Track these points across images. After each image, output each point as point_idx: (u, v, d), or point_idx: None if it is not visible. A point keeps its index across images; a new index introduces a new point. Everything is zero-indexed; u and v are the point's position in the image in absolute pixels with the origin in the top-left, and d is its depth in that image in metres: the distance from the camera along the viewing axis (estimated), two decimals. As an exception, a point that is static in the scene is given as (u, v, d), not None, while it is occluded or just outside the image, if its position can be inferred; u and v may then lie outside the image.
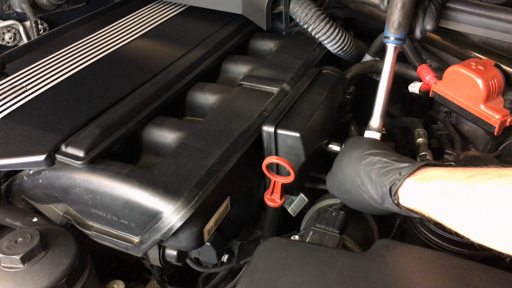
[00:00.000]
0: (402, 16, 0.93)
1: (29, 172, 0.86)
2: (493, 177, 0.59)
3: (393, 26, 0.95)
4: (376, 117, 0.97)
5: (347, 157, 0.83)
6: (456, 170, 0.66)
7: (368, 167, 0.77)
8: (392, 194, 0.71)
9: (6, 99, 0.94)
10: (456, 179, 0.64)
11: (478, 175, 0.61)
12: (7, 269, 0.72)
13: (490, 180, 0.59)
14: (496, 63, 0.97)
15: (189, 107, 1.05)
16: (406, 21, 0.94)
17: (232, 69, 1.17)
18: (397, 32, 0.95)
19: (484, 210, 0.58)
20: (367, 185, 0.76)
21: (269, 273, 0.68)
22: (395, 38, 0.96)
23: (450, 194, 0.63)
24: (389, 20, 0.96)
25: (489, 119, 0.95)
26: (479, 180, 0.60)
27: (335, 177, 0.86)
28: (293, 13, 1.16)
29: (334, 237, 0.82)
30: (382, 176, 0.73)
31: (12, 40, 1.58)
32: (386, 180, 0.72)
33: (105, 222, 0.82)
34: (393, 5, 0.93)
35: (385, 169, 0.74)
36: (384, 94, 0.97)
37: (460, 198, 0.62)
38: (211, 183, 0.78)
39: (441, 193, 0.65)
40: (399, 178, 0.70)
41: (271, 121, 0.90)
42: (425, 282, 0.64)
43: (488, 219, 0.58)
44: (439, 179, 0.66)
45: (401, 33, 0.95)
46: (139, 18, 1.29)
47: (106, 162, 0.81)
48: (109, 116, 0.88)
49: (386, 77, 0.97)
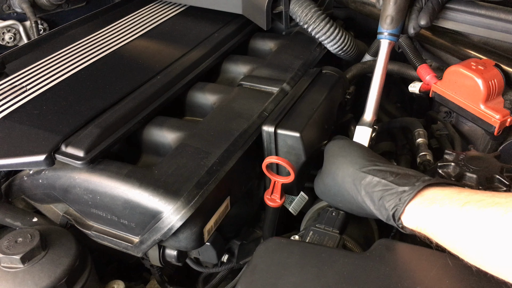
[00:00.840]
0: (396, 11, 0.94)
1: (29, 172, 0.86)
2: (487, 205, 0.60)
3: (386, 21, 0.95)
4: (368, 112, 0.98)
5: (342, 173, 0.82)
6: (452, 195, 0.66)
7: (369, 188, 0.76)
8: (395, 220, 0.71)
9: (6, 99, 0.94)
10: (451, 204, 0.64)
11: (473, 202, 0.62)
12: (7, 269, 0.72)
13: (484, 209, 0.60)
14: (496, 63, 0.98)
15: (189, 107, 1.05)
16: (399, 16, 0.95)
17: (232, 69, 1.17)
18: (390, 27, 0.95)
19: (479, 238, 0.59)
20: (369, 206, 0.76)
21: (269, 273, 0.68)
22: (389, 33, 0.96)
23: (446, 221, 0.64)
24: (383, 15, 0.96)
25: (489, 119, 0.95)
26: (474, 207, 0.61)
27: (330, 189, 0.85)
28: (293, 13, 1.16)
29: (334, 237, 0.82)
30: (384, 200, 0.73)
31: (12, 40, 1.58)
32: (389, 206, 0.72)
33: (105, 222, 0.82)
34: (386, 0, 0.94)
35: (386, 193, 0.73)
36: (377, 89, 0.98)
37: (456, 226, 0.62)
38: (211, 183, 0.78)
39: (438, 219, 0.65)
40: (400, 204, 0.70)
41: (271, 121, 0.90)
42: (425, 282, 0.64)
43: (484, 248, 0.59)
44: (436, 204, 0.66)
45: (394, 28, 0.95)
46: (139, 18, 1.29)
47: (106, 162, 0.81)
48: (109, 116, 0.88)
49: (380, 73, 0.98)
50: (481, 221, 0.59)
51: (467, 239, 0.61)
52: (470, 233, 0.60)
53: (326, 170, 0.87)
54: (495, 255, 0.58)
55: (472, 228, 0.60)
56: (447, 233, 0.64)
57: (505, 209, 0.57)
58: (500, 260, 0.57)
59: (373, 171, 0.78)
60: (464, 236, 0.61)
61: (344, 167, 0.82)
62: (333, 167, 0.84)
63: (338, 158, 0.84)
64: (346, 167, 0.81)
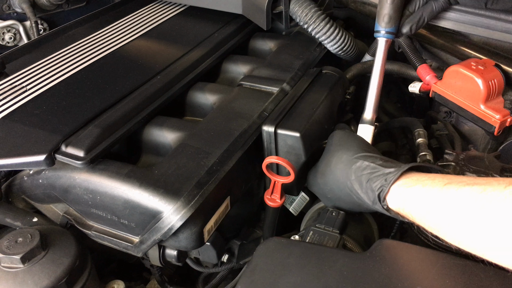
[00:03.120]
0: (393, 9, 0.94)
1: (29, 172, 0.86)
2: (466, 185, 0.62)
3: (384, 19, 0.96)
4: (368, 110, 0.99)
5: (336, 159, 0.85)
6: (435, 177, 0.68)
7: (358, 172, 0.79)
8: (381, 200, 0.74)
9: (6, 99, 0.94)
10: (434, 185, 0.66)
11: (454, 183, 0.64)
12: (7, 269, 0.72)
13: (463, 187, 0.62)
14: (496, 63, 0.98)
15: (189, 107, 1.05)
16: (396, 15, 0.96)
17: (232, 69, 1.17)
18: (388, 25, 0.96)
19: (457, 215, 0.61)
20: (357, 190, 0.79)
21: (269, 273, 0.68)
22: (386, 31, 0.97)
23: (427, 199, 0.66)
24: (380, 14, 0.97)
25: (489, 119, 0.95)
26: (454, 187, 0.63)
27: (323, 176, 0.87)
28: (293, 13, 1.16)
29: (334, 237, 0.82)
30: (371, 182, 0.76)
31: (12, 40, 1.58)
32: (375, 186, 0.75)
33: (105, 222, 0.82)
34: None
35: (373, 175, 0.76)
36: (376, 87, 0.99)
37: (436, 203, 0.64)
38: (211, 183, 0.78)
39: (420, 198, 0.67)
40: (385, 185, 0.73)
41: (271, 121, 0.90)
42: (425, 282, 0.64)
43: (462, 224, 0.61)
44: (419, 184, 0.69)
45: (392, 26, 0.96)
46: (139, 18, 1.29)
47: (106, 162, 0.81)
48: (109, 116, 0.88)
49: (378, 71, 0.99)
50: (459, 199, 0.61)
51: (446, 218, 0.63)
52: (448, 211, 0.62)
53: (322, 158, 0.89)
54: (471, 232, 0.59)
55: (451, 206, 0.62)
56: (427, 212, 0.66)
57: (483, 188, 0.59)
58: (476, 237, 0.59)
59: (364, 157, 0.81)
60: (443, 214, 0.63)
61: (339, 154, 0.85)
62: (328, 155, 0.87)
63: (335, 146, 0.87)
64: (340, 155, 0.84)
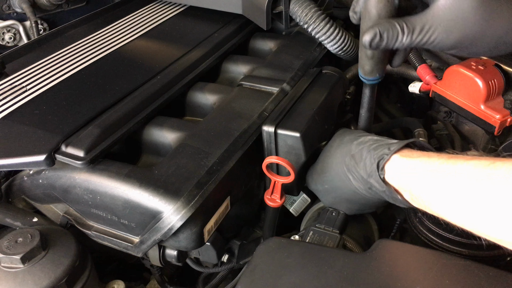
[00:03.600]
0: (373, 64, 0.82)
1: (29, 172, 0.86)
2: (473, 158, 0.61)
3: (364, 70, 0.85)
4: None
5: (338, 141, 0.86)
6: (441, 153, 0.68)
7: (360, 145, 0.79)
8: (379, 169, 0.72)
9: (6, 99, 0.94)
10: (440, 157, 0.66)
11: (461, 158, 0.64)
12: (7, 269, 0.72)
13: (470, 161, 0.61)
14: (496, 63, 0.98)
15: (189, 107, 1.05)
16: (379, 66, 0.83)
17: (232, 69, 1.16)
18: (371, 75, 0.85)
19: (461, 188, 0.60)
20: (357, 163, 0.77)
21: (269, 273, 0.68)
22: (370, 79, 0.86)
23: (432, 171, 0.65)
24: (360, 64, 0.85)
25: (489, 119, 0.95)
26: (461, 160, 0.63)
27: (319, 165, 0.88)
28: (293, 13, 1.16)
29: (334, 237, 0.82)
30: (372, 151, 0.75)
31: (12, 40, 1.58)
32: (376, 155, 0.74)
33: (105, 222, 0.82)
34: (361, 53, 0.82)
35: (376, 144, 0.76)
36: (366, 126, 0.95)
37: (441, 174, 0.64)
38: (211, 183, 0.78)
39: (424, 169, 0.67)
40: (387, 153, 0.72)
41: (271, 121, 0.90)
42: (425, 282, 0.64)
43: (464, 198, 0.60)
44: (424, 157, 0.68)
45: (375, 76, 0.85)
46: (139, 18, 1.29)
47: (106, 162, 0.81)
48: (109, 116, 0.88)
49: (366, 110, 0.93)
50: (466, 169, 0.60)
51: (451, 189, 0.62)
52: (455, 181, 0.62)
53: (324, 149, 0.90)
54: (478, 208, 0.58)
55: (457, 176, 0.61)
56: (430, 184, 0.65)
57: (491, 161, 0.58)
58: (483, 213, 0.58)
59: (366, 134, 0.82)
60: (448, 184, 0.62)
61: (341, 137, 0.86)
62: (328, 146, 0.89)
63: (338, 135, 0.89)
64: (342, 137, 0.86)
